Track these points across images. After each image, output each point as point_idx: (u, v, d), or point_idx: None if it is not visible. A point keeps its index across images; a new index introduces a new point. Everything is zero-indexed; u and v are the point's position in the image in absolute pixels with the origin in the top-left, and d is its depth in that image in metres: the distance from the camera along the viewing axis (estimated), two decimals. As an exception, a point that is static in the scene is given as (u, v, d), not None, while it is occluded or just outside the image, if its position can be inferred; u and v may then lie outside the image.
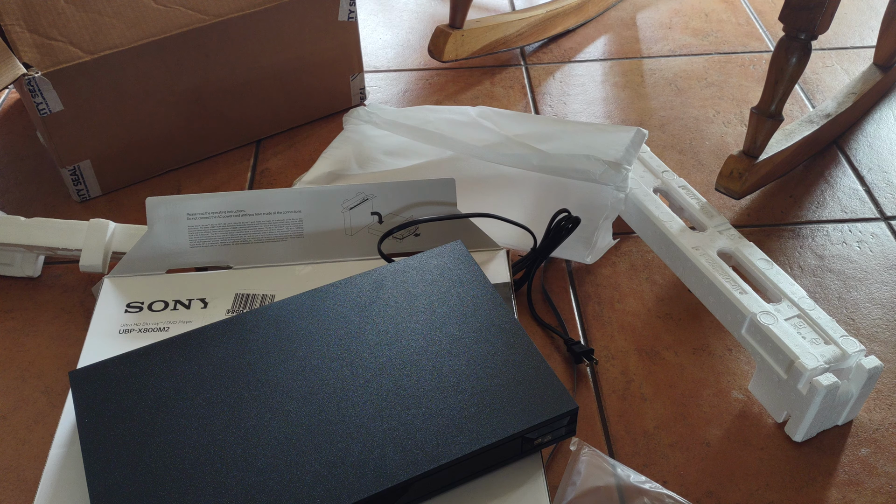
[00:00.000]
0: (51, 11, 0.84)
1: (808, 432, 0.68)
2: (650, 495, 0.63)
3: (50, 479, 0.57)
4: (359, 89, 1.07)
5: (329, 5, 0.98)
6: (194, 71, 0.93)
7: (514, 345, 0.60)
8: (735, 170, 0.86)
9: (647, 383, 0.74)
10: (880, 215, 0.91)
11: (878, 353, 0.76)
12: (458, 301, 0.64)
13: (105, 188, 0.95)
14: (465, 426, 0.55)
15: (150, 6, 0.88)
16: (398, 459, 0.53)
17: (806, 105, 1.08)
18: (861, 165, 0.98)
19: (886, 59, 1.07)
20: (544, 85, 1.12)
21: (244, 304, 0.72)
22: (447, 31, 1.10)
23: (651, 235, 0.82)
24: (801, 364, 0.65)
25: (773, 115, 0.83)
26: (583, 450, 0.65)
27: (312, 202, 0.76)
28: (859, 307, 0.81)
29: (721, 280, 0.73)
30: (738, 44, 1.20)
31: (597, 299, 0.82)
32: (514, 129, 0.87)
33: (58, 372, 0.76)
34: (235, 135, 1.01)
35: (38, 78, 0.83)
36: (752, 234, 0.89)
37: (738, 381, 0.74)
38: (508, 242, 0.80)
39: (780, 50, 0.81)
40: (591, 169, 0.79)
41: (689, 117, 1.06)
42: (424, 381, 0.58)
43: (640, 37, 1.22)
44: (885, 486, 0.66)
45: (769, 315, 0.69)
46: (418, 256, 0.68)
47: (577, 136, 0.85)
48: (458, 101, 1.09)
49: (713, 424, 0.71)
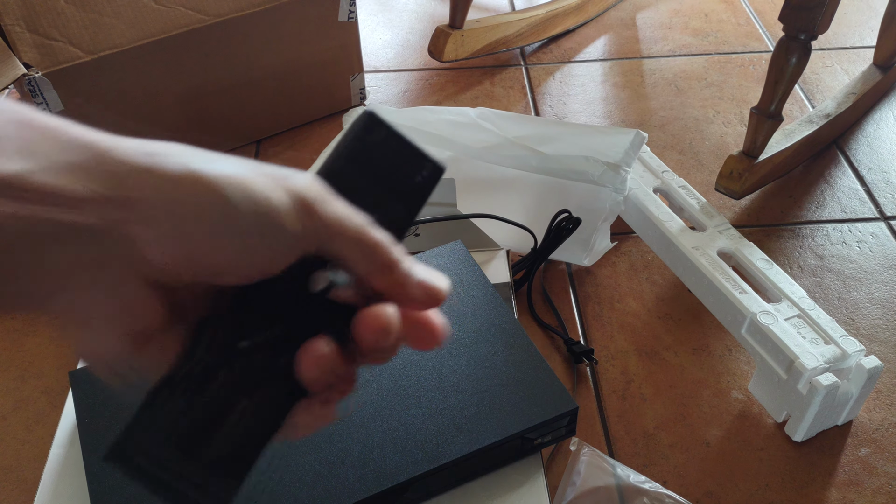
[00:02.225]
0: (51, 11, 0.84)
1: (808, 432, 0.68)
2: (650, 495, 0.63)
3: (50, 479, 0.57)
4: (359, 89, 1.07)
5: (329, 5, 0.98)
6: (194, 71, 0.93)
7: (514, 345, 0.60)
8: (735, 170, 0.86)
9: (647, 383, 0.74)
10: (880, 215, 0.91)
11: (878, 353, 0.76)
12: (458, 301, 0.64)
13: (105, 188, 0.95)
14: (465, 426, 0.55)
15: (150, 6, 0.88)
16: (398, 459, 0.53)
17: (806, 105, 1.08)
18: (861, 165, 0.98)
19: (886, 59, 1.07)
20: (544, 85, 1.12)
21: (244, 304, 0.72)
22: (447, 32, 1.10)
23: (651, 235, 0.82)
24: (801, 364, 0.65)
25: (772, 115, 0.83)
26: (583, 450, 0.65)
27: (312, 202, 0.76)
28: (859, 307, 0.81)
29: (721, 280, 0.73)
30: (738, 44, 1.20)
31: (597, 299, 0.82)
32: (513, 131, 0.87)
33: (58, 372, 0.76)
34: (235, 135, 1.01)
35: (38, 78, 0.83)
36: (752, 234, 0.89)
37: (738, 381, 0.74)
38: (508, 243, 0.80)
39: (780, 50, 0.81)
40: (590, 170, 0.79)
41: (689, 117, 1.06)
42: (424, 382, 0.58)
43: (639, 37, 1.22)
44: (885, 486, 0.66)
45: (769, 315, 0.69)
46: (418, 256, 0.68)
47: (577, 137, 0.85)
48: (458, 102, 1.09)
49: (713, 424, 0.71)
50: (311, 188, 0.28)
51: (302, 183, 0.28)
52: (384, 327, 0.29)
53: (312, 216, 0.28)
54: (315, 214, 0.28)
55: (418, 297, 0.31)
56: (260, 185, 0.27)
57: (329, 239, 0.29)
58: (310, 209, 0.28)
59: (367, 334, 0.29)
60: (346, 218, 0.29)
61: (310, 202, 0.28)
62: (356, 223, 0.29)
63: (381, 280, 0.30)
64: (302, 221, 0.28)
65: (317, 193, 0.28)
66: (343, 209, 0.29)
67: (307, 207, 0.28)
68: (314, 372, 0.29)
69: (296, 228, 0.28)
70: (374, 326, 0.29)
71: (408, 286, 0.30)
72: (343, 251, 0.29)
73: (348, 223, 0.29)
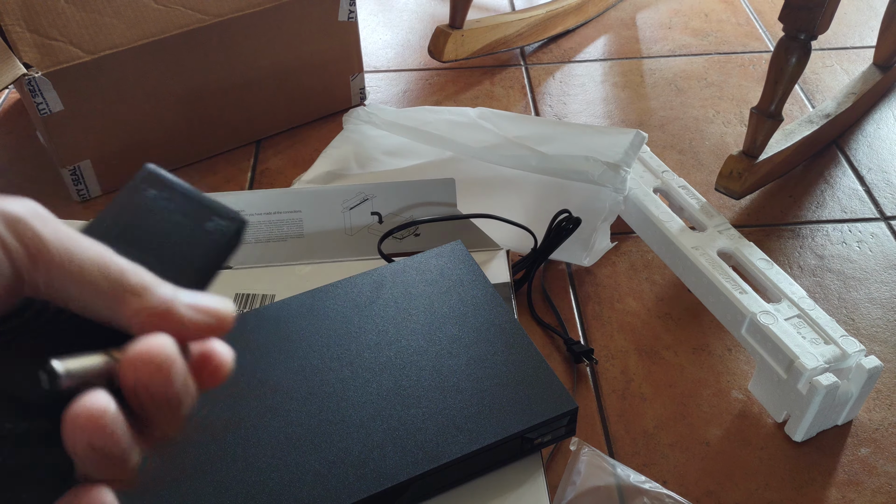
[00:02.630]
0: (51, 11, 0.84)
1: (808, 432, 0.68)
2: (650, 495, 0.63)
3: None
4: (359, 89, 1.07)
5: (329, 5, 0.98)
6: (194, 71, 0.93)
7: (514, 345, 0.60)
8: (735, 170, 0.86)
9: (647, 383, 0.74)
10: (880, 215, 0.91)
11: (878, 353, 0.76)
12: (458, 301, 0.64)
13: (105, 188, 0.95)
14: (465, 426, 0.55)
15: (150, 6, 0.88)
16: (398, 459, 0.53)
17: (806, 105, 1.08)
18: (861, 165, 0.98)
19: (886, 59, 1.07)
20: (544, 85, 1.12)
21: (244, 304, 0.72)
22: (447, 31, 1.10)
23: (651, 235, 0.82)
24: (801, 364, 0.65)
25: (772, 115, 0.83)
26: (583, 450, 0.65)
27: (312, 202, 0.76)
28: (859, 307, 0.81)
29: (721, 280, 0.73)
30: (738, 44, 1.20)
31: (597, 299, 0.82)
32: (513, 131, 0.87)
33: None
34: (235, 135, 1.01)
35: (38, 78, 0.83)
36: (752, 234, 0.89)
37: (738, 381, 0.74)
38: (508, 243, 0.80)
39: (780, 50, 0.81)
40: (590, 170, 0.79)
41: (689, 117, 1.06)
42: (424, 381, 0.58)
43: (639, 37, 1.22)
44: (884, 486, 0.66)
45: (769, 315, 0.69)
46: (418, 256, 0.68)
47: (577, 137, 0.85)
48: (458, 102, 1.09)
49: (713, 424, 0.71)
50: (21, 208, 0.23)
51: (11, 205, 0.23)
52: (157, 360, 0.23)
53: (21, 236, 0.22)
54: (26, 238, 0.23)
55: (192, 321, 0.25)
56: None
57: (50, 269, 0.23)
58: (19, 232, 0.23)
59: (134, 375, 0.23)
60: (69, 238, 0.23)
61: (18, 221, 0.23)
62: (85, 244, 0.23)
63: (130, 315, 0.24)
64: (5, 245, 0.22)
65: (29, 212, 0.23)
66: (65, 229, 0.24)
67: (16, 231, 0.22)
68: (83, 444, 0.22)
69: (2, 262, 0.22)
70: (145, 359, 0.23)
71: (174, 310, 0.24)
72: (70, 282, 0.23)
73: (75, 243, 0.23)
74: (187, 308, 0.25)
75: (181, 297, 0.25)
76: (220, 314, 0.25)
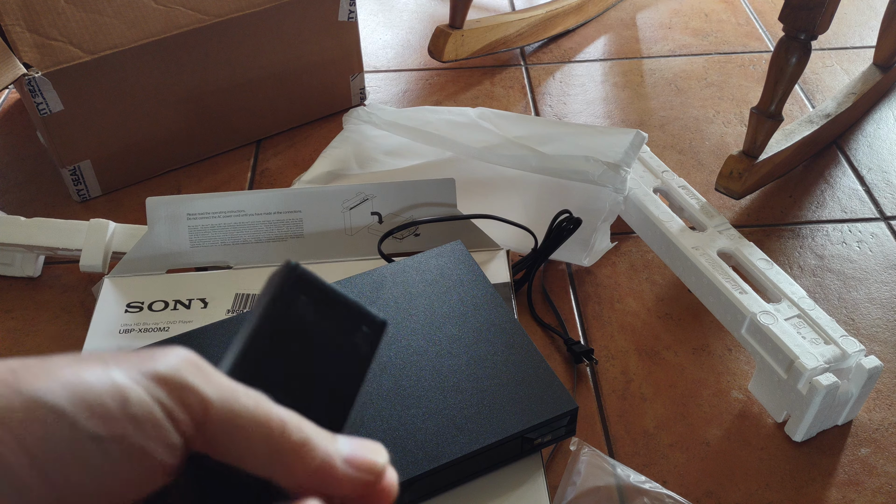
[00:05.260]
0: (51, 11, 0.84)
1: (808, 432, 0.68)
2: (650, 495, 0.63)
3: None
4: (359, 89, 1.07)
5: (329, 5, 0.98)
6: (194, 71, 0.93)
7: (514, 345, 0.60)
8: (735, 170, 0.86)
9: (647, 383, 0.74)
10: (880, 215, 0.91)
11: (878, 353, 0.76)
12: (458, 301, 0.64)
13: (105, 188, 0.95)
14: (465, 426, 0.55)
15: (150, 6, 0.88)
16: (398, 459, 0.53)
17: (806, 105, 1.08)
18: (861, 165, 0.98)
19: (886, 59, 1.07)
20: (544, 85, 1.12)
21: (244, 304, 0.72)
22: (447, 31, 1.10)
23: (651, 235, 0.82)
24: (801, 364, 0.65)
25: (772, 115, 0.83)
26: (583, 450, 0.65)
27: (312, 202, 0.76)
28: (859, 307, 0.81)
29: (721, 280, 0.73)
30: (738, 44, 1.20)
31: (597, 299, 0.82)
32: (513, 131, 0.87)
33: (58, 372, 0.76)
34: (235, 135, 1.01)
35: (38, 78, 0.83)
36: (752, 234, 0.89)
37: (738, 381, 0.74)
38: (508, 243, 0.80)
39: (780, 50, 0.81)
40: (590, 170, 0.79)
41: (689, 117, 1.06)
42: (424, 381, 0.58)
43: (639, 37, 1.22)
44: (885, 486, 0.66)
45: (769, 315, 0.69)
46: (418, 256, 0.68)
47: (577, 137, 0.85)
48: (458, 101, 1.09)
49: (713, 424, 0.71)
50: (181, 363, 0.23)
51: (168, 364, 0.23)
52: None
53: (187, 405, 0.22)
54: (193, 408, 0.22)
55: (349, 479, 0.24)
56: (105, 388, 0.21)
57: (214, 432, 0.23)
58: (185, 402, 0.22)
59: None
60: (231, 393, 0.23)
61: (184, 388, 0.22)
62: (243, 400, 0.23)
63: (289, 474, 0.23)
64: (173, 417, 0.22)
65: (190, 368, 0.23)
66: (226, 383, 0.23)
67: (182, 400, 0.22)
68: None
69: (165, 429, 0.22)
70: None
71: (333, 472, 0.24)
72: (230, 443, 0.23)
73: (235, 401, 0.23)
74: (345, 465, 0.24)
75: (339, 447, 0.25)
76: (376, 469, 0.25)
